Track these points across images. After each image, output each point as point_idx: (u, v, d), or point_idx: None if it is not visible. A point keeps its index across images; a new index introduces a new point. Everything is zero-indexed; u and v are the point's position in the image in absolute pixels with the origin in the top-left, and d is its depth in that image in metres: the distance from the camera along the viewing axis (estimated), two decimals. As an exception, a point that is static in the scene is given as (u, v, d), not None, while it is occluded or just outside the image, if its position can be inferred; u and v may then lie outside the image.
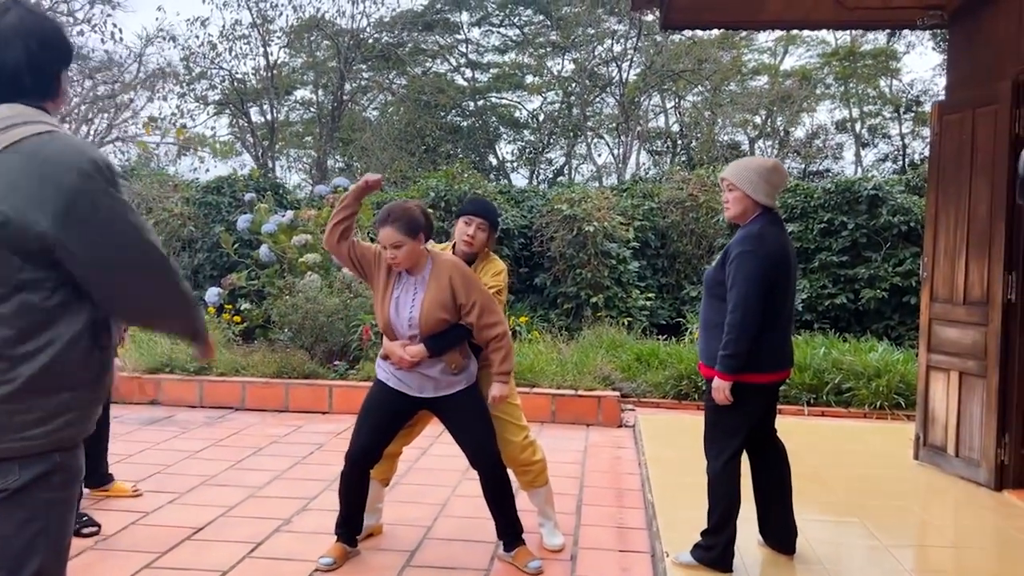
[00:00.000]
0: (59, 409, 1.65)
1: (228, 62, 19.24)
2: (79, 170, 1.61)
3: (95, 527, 3.71)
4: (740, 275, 3.14)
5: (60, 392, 1.65)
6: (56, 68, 1.76)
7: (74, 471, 1.73)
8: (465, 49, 22.72)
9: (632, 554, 3.68)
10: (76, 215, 1.60)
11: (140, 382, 6.60)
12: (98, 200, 1.63)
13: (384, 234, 3.17)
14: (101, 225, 1.63)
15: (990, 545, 3.85)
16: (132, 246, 1.68)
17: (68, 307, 1.65)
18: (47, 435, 1.64)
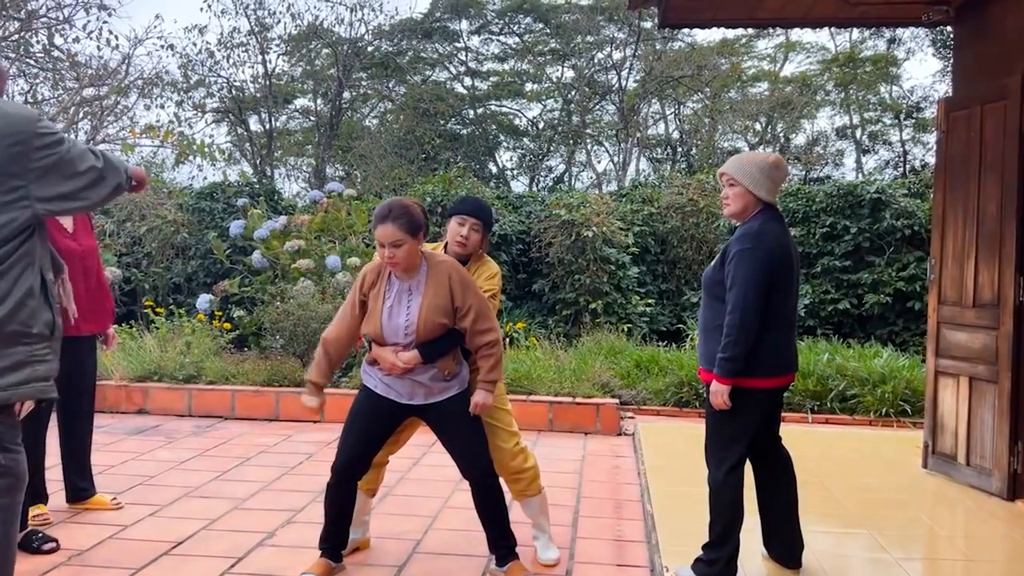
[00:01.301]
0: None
1: (226, 70, 19.18)
2: None
3: (52, 542, 3.54)
4: (739, 274, 3.00)
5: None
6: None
7: None
8: (464, 57, 22.65)
9: (630, 568, 3.52)
10: None
11: (128, 391, 6.45)
12: None
13: (384, 231, 3.01)
14: None
15: (1003, 557, 3.68)
16: None
17: None
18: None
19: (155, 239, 9.75)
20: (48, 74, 13.10)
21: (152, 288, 9.62)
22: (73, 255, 3.93)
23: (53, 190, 1.96)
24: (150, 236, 9.77)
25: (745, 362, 2.99)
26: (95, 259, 4.14)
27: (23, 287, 1.85)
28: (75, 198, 2.06)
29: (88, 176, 2.08)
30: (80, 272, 3.97)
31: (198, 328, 7.51)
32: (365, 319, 3.17)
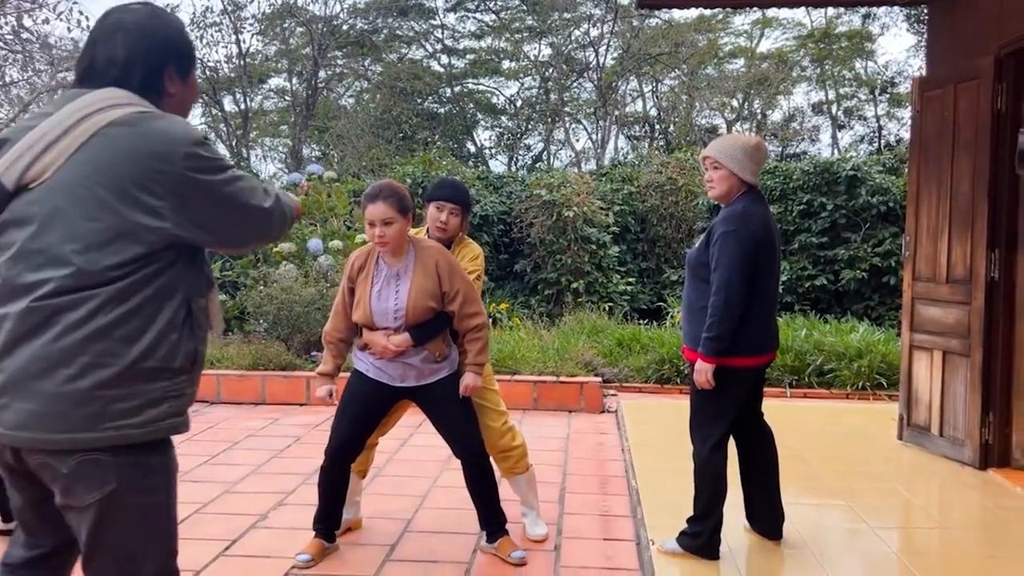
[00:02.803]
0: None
1: (200, 50, 18.94)
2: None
3: None
4: (724, 256, 3.07)
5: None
6: (156, 65, 1.81)
7: None
8: (441, 35, 22.50)
9: (616, 543, 3.62)
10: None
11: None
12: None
13: (375, 209, 3.04)
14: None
15: (975, 524, 3.82)
16: None
17: None
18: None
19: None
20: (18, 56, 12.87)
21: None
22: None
23: (198, 221, 1.70)
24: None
25: (729, 342, 3.06)
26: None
27: (162, 321, 1.67)
28: (224, 236, 1.77)
29: (250, 217, 1.77)
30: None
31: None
32: (354, 305, 3.21)
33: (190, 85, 1.88)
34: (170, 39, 1.82)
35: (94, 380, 1.61)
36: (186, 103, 1.89)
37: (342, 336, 3.27)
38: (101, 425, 1.62)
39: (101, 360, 1.62)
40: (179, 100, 1.86)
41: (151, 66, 1.78)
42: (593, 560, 3.42)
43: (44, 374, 1.62)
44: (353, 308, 3.21)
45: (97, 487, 1.64)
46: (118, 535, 1.68)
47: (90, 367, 1.61)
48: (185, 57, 1.85)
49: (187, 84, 1.86)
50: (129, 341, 1.64)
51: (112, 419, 1.62)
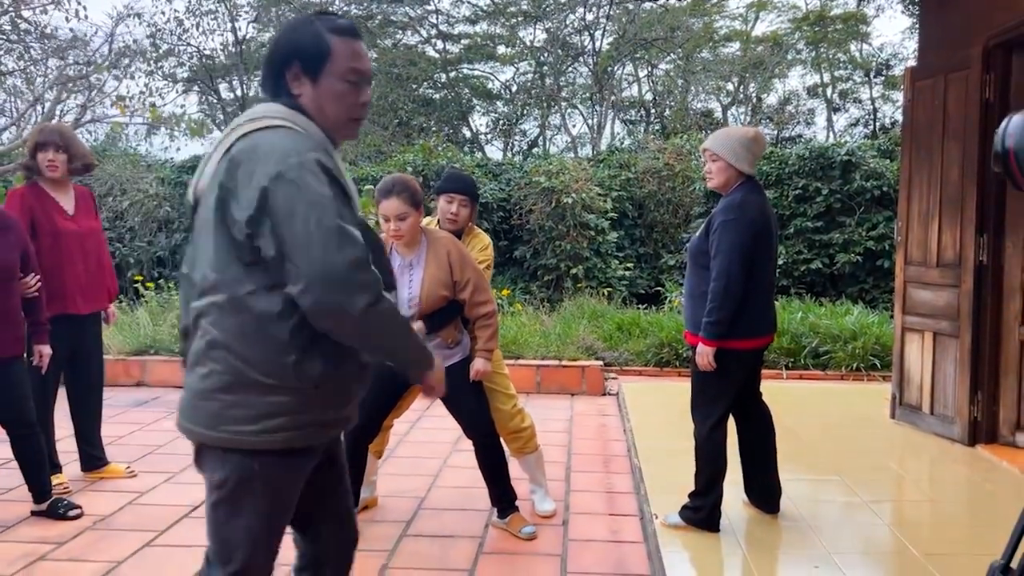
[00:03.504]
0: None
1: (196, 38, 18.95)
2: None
3: (77, 508, 3.73)
4: (723, 244, 3.22)
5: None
6: (278, 67, 1.77)
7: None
8: (435, 20, 22.50)
9: (622, 517, 3.79)
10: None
11: (125, 364, 6.59)
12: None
13: (389, 205, 3.18)
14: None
15: (964, 498, 4.00)
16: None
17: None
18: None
19: (137, 213, 9.80)
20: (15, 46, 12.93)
21: (136, 262, 9.69)
22: (71, 236, 4.06)
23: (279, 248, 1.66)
24: (132, 210, 9.81)
25: (729, 325, 3.22)
26: (95, 240, 4.24)
27: (276, 338, 1.68)
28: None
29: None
30: (79, 252, 4.10)
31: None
32: None
33: (326, 85, 1.76)
34: (292, 39, 1.76)
35: (215, 383, 1.71)
36: (324, 104, 1.77)
37: None
38: (220, 426, 1.72)
39: (219, 367, 1.70)
40: (314, 101, 1.77)
41: (274, 70, 1.77)
42: (599, 534, 3.59)
43: (190, 369, 1.77)
44: None
45: (208, 473, 1.78)
46: (217, 520, 1.81)
47: (213, 372, 1.71)
48: (311, 55, 1.74)
49: (320, 84, 1.76)
50: (241, 353, 1.69)
51: (228, 423, 1.71)
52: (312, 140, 1.70)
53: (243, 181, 1.64)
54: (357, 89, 1.80)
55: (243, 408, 1.70)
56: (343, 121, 1.80)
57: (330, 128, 1.79)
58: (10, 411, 3.57)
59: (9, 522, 3.66)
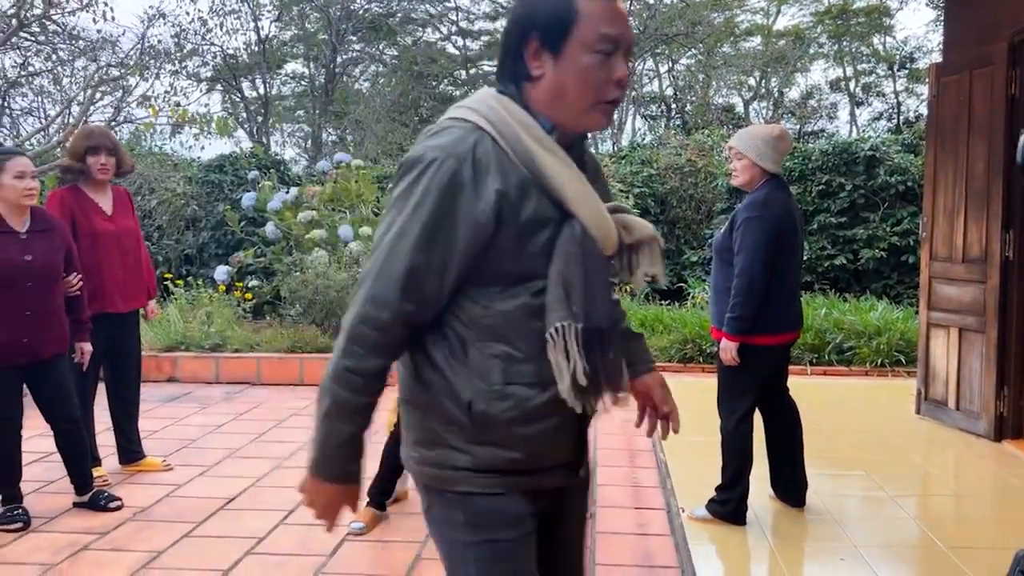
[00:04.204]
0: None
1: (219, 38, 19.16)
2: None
3: (117, 500, 3.84)
4: (746, 241, 3.27)
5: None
6: (515, 43, 1.44)
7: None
8: (455, 17, 22.58)
9: (648, 511, 3.85)
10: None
11: (157, 360, 6.73)
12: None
13: None
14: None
15: (989, 493, 4.02)
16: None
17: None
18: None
19: (165, 212, 9.95)
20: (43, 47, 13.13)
21: (165, 260, 9.84)
22: (109, 236, 4.18)
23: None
24: (160, 209, 9.96)
25: (752, 321, 3.27)
26: (132, 239, 4.36)
27: (432, 360, 1.45)
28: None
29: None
30: (117, 252, 4.21)
31: (216, 298, 7.77)
32: None
33: (569, 59, 1.40)
34: (530, 6, 1.43)
35: (400, 394, 1.56)
36: (568, 84, 1.41)
37: None
38: (407, 443, 1.54)
39: (401, 382, 1.54)
40: (552, 84, 1.42)
41: (512, 49, 1.45)
42: (627, 527, 3.65)
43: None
44: None
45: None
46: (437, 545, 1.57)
47: (401, 385, 1.55)
48: (551, 22, 1.40)
49: (562, 58, 1.40)
50: (408, 372, 1.50)
51: (407, 443, 1.53)
52: (468, 144, 1.38)
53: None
54: (609, 62, 1.41)
55: (410, 428, 1.53)
56: (586, 106, 1.42)
57: (571, 116, 1.43)
58: (55, 406, 3.69)
59: (53, 513, 3.78)
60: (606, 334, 1.45)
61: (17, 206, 3.54)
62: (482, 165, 1.37)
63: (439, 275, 1.38)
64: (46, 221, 3.68)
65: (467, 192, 1.36)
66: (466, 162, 1.37)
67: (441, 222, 1.36)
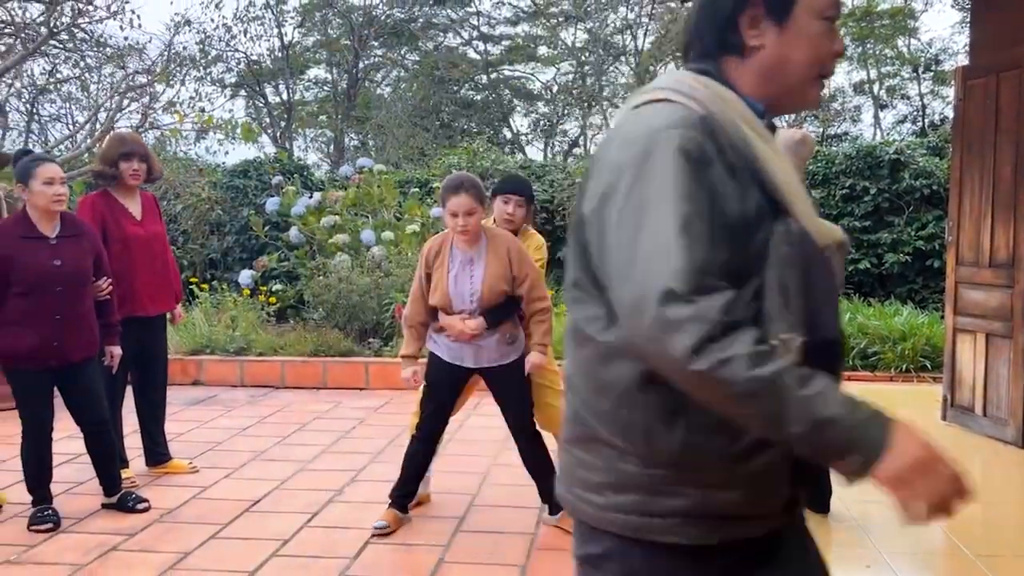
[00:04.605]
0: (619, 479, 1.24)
1: (243, 44, 19.40)
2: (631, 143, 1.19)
3: (145, 502, 3.89)
4: None
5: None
6: (727, 13, 1.27)
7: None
8: (477, 22, 22.67)
9: (671, 516, 3.83)
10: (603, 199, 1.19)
11: (183, 363, 6.81)
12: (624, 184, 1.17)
13: (459, 201, 3.29)
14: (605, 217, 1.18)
15: (1017, 500, 3.97)
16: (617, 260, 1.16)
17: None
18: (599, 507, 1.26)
19: (191, 216, 10.06)
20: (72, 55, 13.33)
21: (190, 264, 9.95)
22: (139, 240, 4.24)
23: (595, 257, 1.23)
24: (186, 214, 10.08)
25: None
26: (161, 243, 4.43)
27: (615, 387, 1.23)
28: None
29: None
30: (146, 256, 4.28)
31: (240, 302, 7.85)
32: (431, 290, 3.46)
33: (797, 27, 1.25)
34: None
35: (568, 430, 1.32)
36: (791, 55, 1.25)
37: (422, 320, 3.53)
38: (569, 485, 1.31)
39: (570, 410, 1.32)
40: (772, 57, 1.26)
41: (719, 19, 1.27)
42: (650, 532, 3.64)
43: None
44: (430, 293, 3.47)
45: (575, 541, 1.35)
46: None
47: (568, 417, 1.32)
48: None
49: (788, 26, 1.25)
50: (586, 398, 1.27)
51: (575, 483, 1.30)
52: (691, 117, 1.18)
53: (593, 173, 1.25)
54: (833, 33, 1.29)
55: (590, 470, 1.27)
56: (810, 79, 1.29)
57: (787, 93, 1.29)
58: (85, 409, 3.75)
59: (82, 514, 3.84)
60: (833, 348, 1.22)
61: (47, 212, 3.61)
62: (716, 146, 1.17)
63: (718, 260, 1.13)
64: (76, 226, 3.74)
65: (716, 168, 1.16)
66: (706, 136, 1.17)
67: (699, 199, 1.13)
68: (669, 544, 1.21)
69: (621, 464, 1.22)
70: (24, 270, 3.52)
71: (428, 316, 3.53)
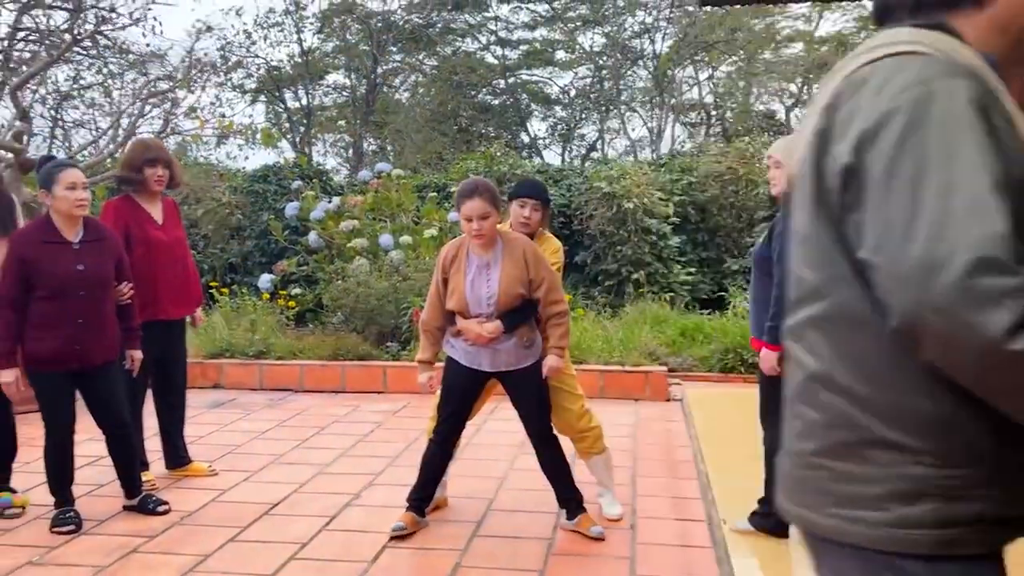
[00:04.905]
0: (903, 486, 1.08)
1: (263, 50, 19.59)
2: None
3: (165, 504, 3.93)
4: (784, 250, 3.24)
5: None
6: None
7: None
8: (494, 27, 22.72)
9: (690, 522, 3.82)
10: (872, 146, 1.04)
11: (203, 367, 6.86)
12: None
13: (473, 206, 3.31)
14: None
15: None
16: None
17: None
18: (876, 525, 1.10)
19: (211, 221, 10.15)
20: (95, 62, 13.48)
21: (210, 268, 10.04)
22: (161, 245, 4.29)
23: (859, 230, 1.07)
24: (206, 219, 10.17)
25: None
26: (182, 248, 4.48)
27: (865, 366, 1.10)
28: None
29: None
30: (168, 260, 4.33)
31: (260, 306, 7.90)
32: (448, 295, 3.47)
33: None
34: None
35: (819, 442, 1.16)
36: (1020, 11, 1.13)
37: (439, 324, 3.54)
38: (828, 507, 1.15)
39: (824, 417, 1.16)
40: (1007, 9, 1.13)
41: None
42: (668, 538, 3.63)
43: (788, 419, 1.24)
44: (447, 297, 3.48)
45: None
46: None
47: (815, 425, 1.17)
48: None
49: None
50: (858, 395, 1.11)
51: (842, 503, 1.13)
52: (960, 66, 1.06)
53: (840, 127, 1.09)
54: None
55: (863, 483, 1.11)
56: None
57: (1007, 53, 1.16)
58: (106, 412, 3.78)
59: (103, 516, 3.88)
60: None
61: (69, 217, 3.65)
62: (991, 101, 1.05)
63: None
64: (98, 231, 3.78)
65: (998, 116, 1.04)
66: (984, 89, 1.05)
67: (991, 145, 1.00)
68: (971, 555, 1.07)
69: (911, 469, 1.07)
70: (47, 275, 3.56)
71: (445, 320, 3.53)
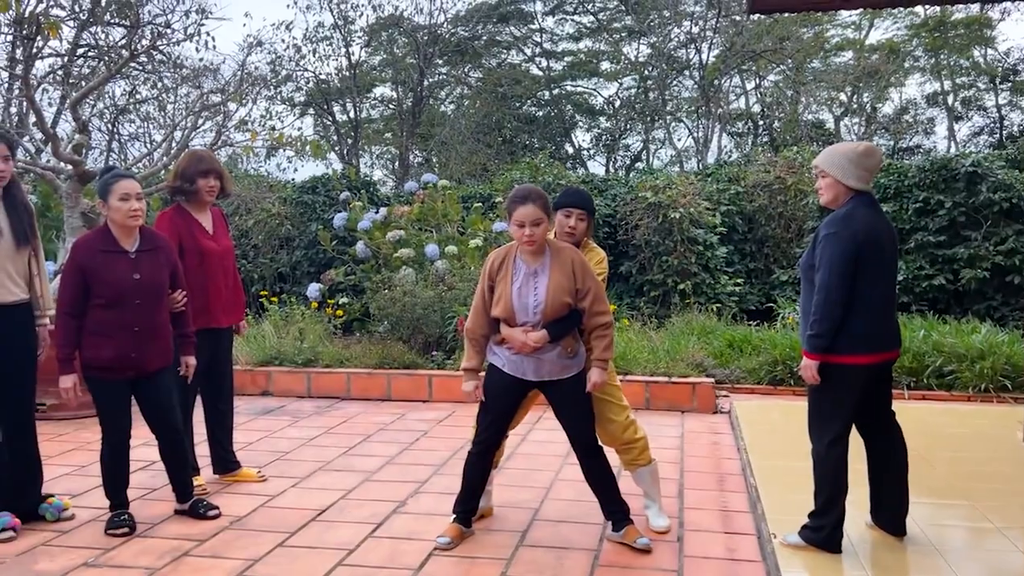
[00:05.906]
0: None
1: (312, 64, 19.91)
2: None
3: (215, 509, 3.99)
4: (824, 257, 3.23)
5: None
6: None
7: None
8: (539, 39, 22.81)
9: (738, 536, 3.76)
10: None
11: (252, 374, 6.98)
12: None
13: (526, 211, 3.33)
14: None
15: (1109, 528, 3.76)
16: None
17: None
18: None
19: (261, 231, 10.33)
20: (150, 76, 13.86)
21: (260, 278, 10.22)
22: (214, 255, 4.38)
23: None
24: (256, 229, 10.36)
25: (833, 339, 3.19)
26: (231, 258, 4.57)
27: None
28: None
29: None
30: (220, 270, 4.41)
31: (308, 315, 8.01)
32: (495, 302, 3.48)
33: None
34: None
35: None
36: None
37: (484, 332, 3.55)
38: None
39: None
40: None
41: None
42: (716, 551, 3.58)
43: None
44: (494, 304, 3.48)
45: None
46: None
47: None
48: None
49: None
50: None
51: None
52: None
53: None
54: None
55: None
56: None
57: None
58: (160, 418, 3.86)
59: (156, 519, 3.96)
60: None
61: (124, 226, 3.74)
62: None
63: None
64: (153, 240, 3.88)
65: None
66: None
67: None
68: None
69: None
70: (105, 283, 3.66)
71: (490, 328, 3.54)
